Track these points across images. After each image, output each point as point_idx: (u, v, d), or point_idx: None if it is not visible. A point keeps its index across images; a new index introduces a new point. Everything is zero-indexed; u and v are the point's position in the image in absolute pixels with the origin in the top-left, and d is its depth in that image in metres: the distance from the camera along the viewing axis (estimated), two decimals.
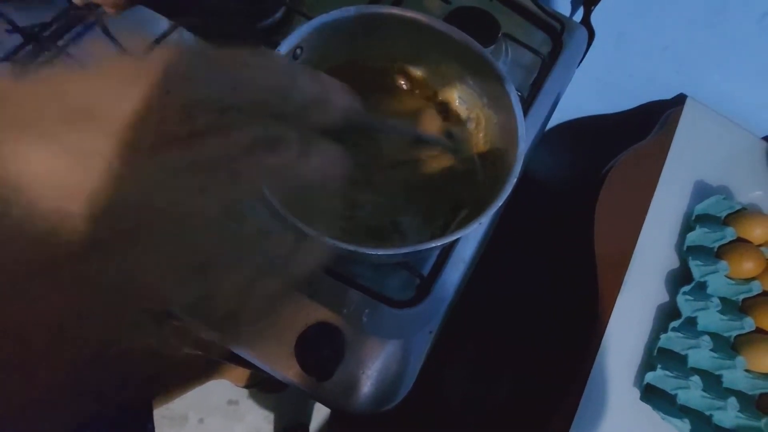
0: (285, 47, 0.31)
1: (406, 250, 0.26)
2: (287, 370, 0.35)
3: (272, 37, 0.44)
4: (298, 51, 0.32)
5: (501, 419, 0.52)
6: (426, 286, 0.38)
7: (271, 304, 0.18)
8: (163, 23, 0.40)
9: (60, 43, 0.40)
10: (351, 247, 0.25)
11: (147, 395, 0.58)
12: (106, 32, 0.39)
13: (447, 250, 0.40)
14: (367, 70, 0.39)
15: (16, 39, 0.40)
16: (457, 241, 0.40)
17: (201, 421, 1.05)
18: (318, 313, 0.36)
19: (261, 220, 0.18)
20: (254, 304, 0.18)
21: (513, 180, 0.29)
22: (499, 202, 0.28)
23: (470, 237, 0.40)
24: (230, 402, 1.05)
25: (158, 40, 0.39)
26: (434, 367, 0.39)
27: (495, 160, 0.36)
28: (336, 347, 0.35)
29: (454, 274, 0.39)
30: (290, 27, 0.46)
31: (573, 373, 0.48)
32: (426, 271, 0.39)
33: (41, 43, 0.39)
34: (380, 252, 0.26)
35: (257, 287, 0.17)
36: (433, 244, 0.27)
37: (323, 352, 0.34)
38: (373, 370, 0.35)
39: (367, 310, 0.36)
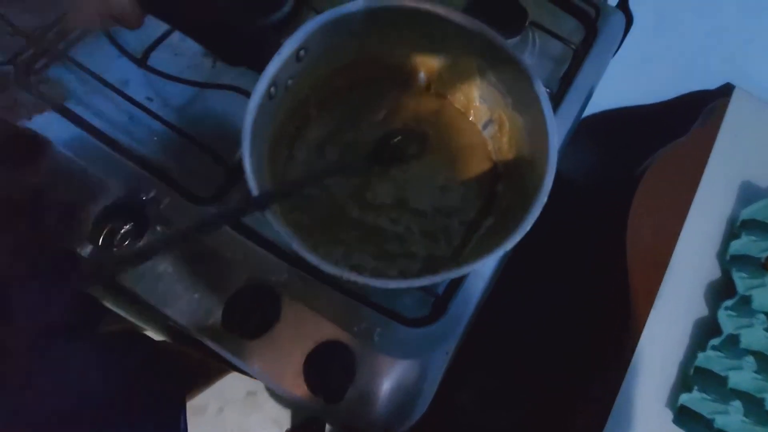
0: (288, 48, 0.28)
1: (421, 282, 0.24)
2: (295, 389, 0.34)
3: (279, 34, 0.41)
4: (302, 53, 0.30)
5: None
6: (442, 303, 0.35)
7: None
8: (163, 26, 0.38)
9: (61, 46, 0.38)
10: (367, 281, 0.23)
11: (182, 391, 0.58)
12: (109, 36, 0.37)
13: None
14: (380, 67, 0.36)
15: (19, 42, 0.38)
16: None
17: (220, 410, 1.07)
18: (327, 330, 0.34)
19: None
20: None
21: (543, 199, 0.26)
22: (527, 227, 0.25)
23: None
24: (249, 393, 1.07)
25: (157, 42, 0.37)
26: (447, 385, 0.37)
27: (522, 170, 0.33)
28: (346, 367, 0.33)
29: (473, 291, 0.36)
30: (300, 21, 0.43)
31: (600, 391, 0.45)
32: (441, 289, 0.36)
33: (42, 47, 0.37)
34: (391, 285, 0.24)
35: None
36: (454, 275, 0.24)
37: (333, 373, 0.33)
38: (385, 391, 0.33)
39: (378, 329, 0.34)
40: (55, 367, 0.36)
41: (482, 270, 0.36)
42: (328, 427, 0.99)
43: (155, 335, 0.57)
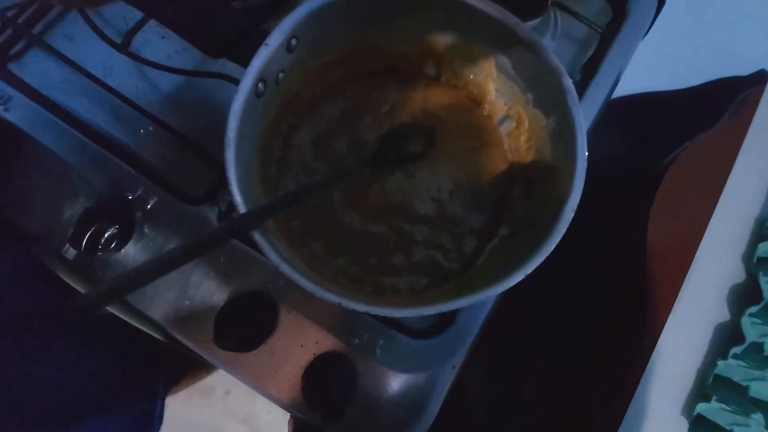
0: (277, 37, 0.25)
1: (429, 311, 0.21)
2: (292, 403, 0.32)
3: (261, 20, 0.37)
4: (293, 42, 0.26)
5: None
6: (449, 314, 0.33)
7: None
8: (137, 14, 0.35)
9: (36, 30, 0.35)
10: (364, 309, 0.20)
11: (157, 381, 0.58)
12: (87, 19, 0.33)
13: None
14: (381, 57, 0.32)
15: None
16: None
17: (227, 393, 1.08)
18: (327, 341, 0.32)
19: None
20: None
21: (569, 215, 0.23)
22: (550, 246, 0.22)
23: None
24: None
25: (141, 24, 0.34)
26: (457, 390, 0.36)
27: (542, 175, 0.29)
28: (346, 382, 0.31)
29: (483, 300, 0.33)
30: (287, 5, 0.39)
31: (613, 397, 0.43)
32: None
33: (16, 30, 0.34)
34: (394, 314, 0.21)
35: None
36: (463, 303, 0.22)
37: (332, 388, 0.31)
38: (388, 407, 0.32)
39: (381, 341, 0.32)
40: (21, 353, 0.34)
41: None
42: None
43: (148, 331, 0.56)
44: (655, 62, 0.58)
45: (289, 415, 1.06)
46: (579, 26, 0.41)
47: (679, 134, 0.55)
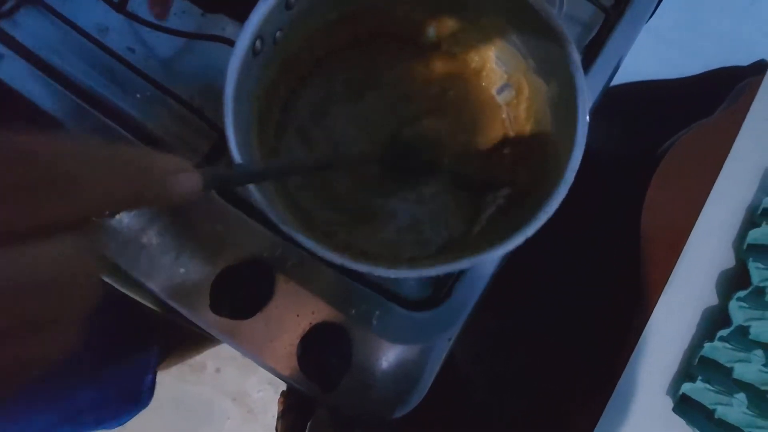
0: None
1: (431, 272, 0.21)
2: (288, 372, 0.32)
3: None
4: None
5: (520, 416, 0.49)
6: (447, 286, 0.33)
7: None
8: None
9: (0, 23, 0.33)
10: (364, 268, 0.20)
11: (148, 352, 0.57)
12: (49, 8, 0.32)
13: None
14: (385, 21, 0.32)
15: None
16: None
17: (218, 370, 1.08)
18: (323, 311, 0.32)
19: None
20: None
21: (569, 178, 0.23)
22: (550, 210, 0.22)
23: None
24: None
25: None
26: (446, 365, 0.36)
27: (540, 143, 0.29)
28: (342, 353, 0.31)
29: (480, 274, 0.34)
30: None
31: (602, 373, 0.44)
32: None
33: None
34: (401, 275, 0.21)
35: None
36: (467, 263, 0.22)
37: (328, 359, 0.31)
38: (382, 377, 0.32)
39: (377, 311, 0.32)
40: None
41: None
42: None
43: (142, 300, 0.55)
44: (654, 49, 0.58)
45: (279, 393, 1.07)
46: (585, 5, 0.41)
47: (677, 122, 0.55)
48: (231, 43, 0.34)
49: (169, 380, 1.04)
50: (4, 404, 0.34)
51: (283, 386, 1.07)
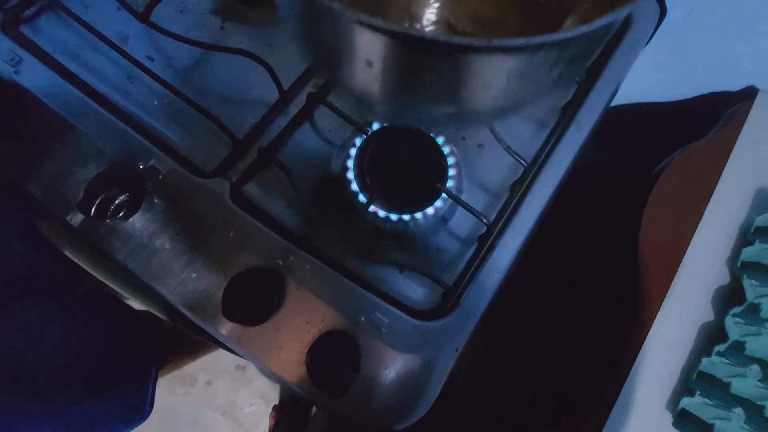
0: None
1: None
2: (296, 380, 0.32)
3: None
4: None
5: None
6: (454, 296, 0.34)
7: None
8: None
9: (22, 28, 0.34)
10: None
11: (151, 361, 0.57)
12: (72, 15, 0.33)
13: (481, 257, 0.35)
14: None
15: None
16: (493, 248, 0.35)
17: (209, 383, 1.06)
18: (333, 319, 0.32)
19: None
20: None
21: None
22: None
23: (509, 245, 0.35)
24: (238, 367, 1.06)
25: (153, 2, 0.33)
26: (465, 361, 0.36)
27: None
28: (351, 361, 0.31)
29: (487, 284, 0.34)
30: None
31: (602, 389, 0.45)
32: (452, 280, 0.34)
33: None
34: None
35: None
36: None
37: (337, 366, 0.31)
38: (390, 386, 0.32)
39: (386, 320, 0.33)
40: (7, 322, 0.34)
41: (500, 262, 0.35)
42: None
43: (142, 307, 0.55)
44: (649, 74, 0.60)
45: (271, 407, 1.05)
46: None
47: (672, 143, 0.57)
48: (249, 54, 0.35)
49: (158, 392, 1.01)
50: (14, 416, 0.33)
51: (275, 400, 1.06)
